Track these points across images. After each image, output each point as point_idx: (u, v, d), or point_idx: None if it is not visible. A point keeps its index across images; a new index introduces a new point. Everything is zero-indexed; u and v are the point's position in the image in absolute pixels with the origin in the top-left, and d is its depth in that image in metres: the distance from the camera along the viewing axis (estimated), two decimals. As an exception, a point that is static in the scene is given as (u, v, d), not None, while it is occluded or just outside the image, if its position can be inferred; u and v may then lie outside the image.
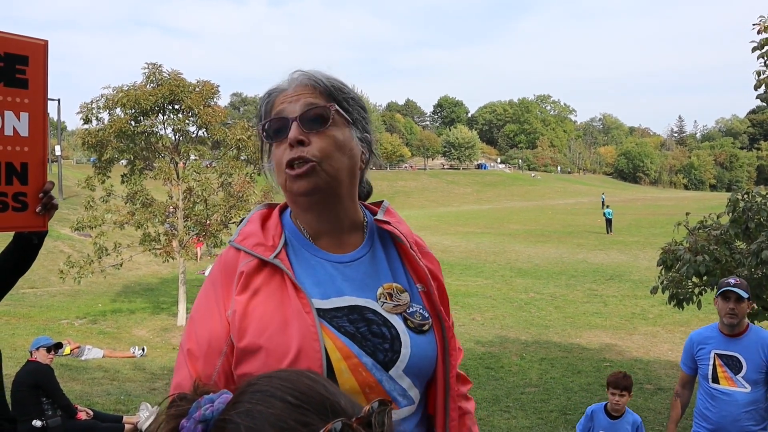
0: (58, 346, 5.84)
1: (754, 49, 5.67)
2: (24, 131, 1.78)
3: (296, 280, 1.12)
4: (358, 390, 1.08)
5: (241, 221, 1.26)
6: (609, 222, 30.05)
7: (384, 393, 1.11)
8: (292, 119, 1.15)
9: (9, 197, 1.78)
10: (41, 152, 1.83)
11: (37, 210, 1.84)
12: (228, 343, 1.10)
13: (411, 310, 1.19)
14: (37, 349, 5.51)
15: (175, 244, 13.61)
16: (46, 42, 1.80)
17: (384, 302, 1.17)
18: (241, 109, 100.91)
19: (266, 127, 1.18)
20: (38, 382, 5.35)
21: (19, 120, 1.76)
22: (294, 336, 1.06)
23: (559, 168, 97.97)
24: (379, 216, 1.27)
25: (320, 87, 1.18)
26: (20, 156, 1.78)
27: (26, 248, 2.34)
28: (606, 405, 4.12)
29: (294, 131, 1.14)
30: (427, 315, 1.21)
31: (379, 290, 1.18)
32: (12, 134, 1.76)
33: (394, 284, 1.20)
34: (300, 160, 1.13)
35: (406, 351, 1.14)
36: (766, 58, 5.81)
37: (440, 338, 1.22)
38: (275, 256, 1.14)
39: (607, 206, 33.22)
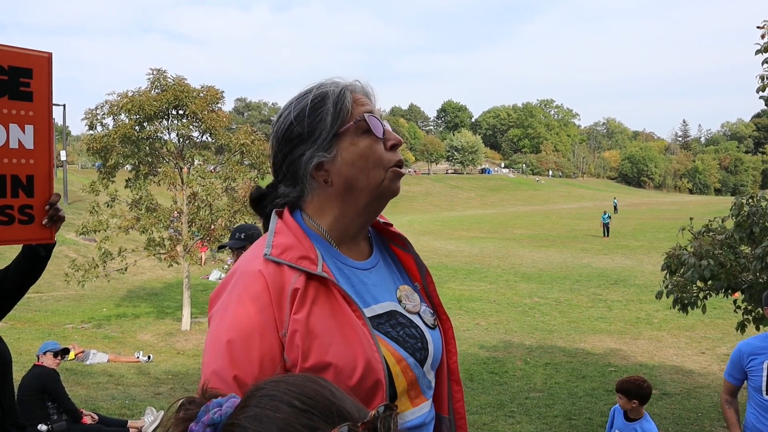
0: (65, 351, 5.85)
1: (757, 52, 5.66)
2: (29, 144, 1.77)
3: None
4: (405, 389, 1.15)
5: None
6: (605, 226, 30.13)
7: (419, 388, 1.18)
8: (387, 123, 1.21)
9: (15, 210, 1.78)
10: (47, 164, 1.82)
11: (43, 222, 1.84)
12: (281, 364, 1.06)
13: (423, 308, 1.26)
14: (44, 353, 5.52)
15: (179, 248, 13.64)
16: (50, 54, 1.80)
17: (405, 304, 1.23)
18: (245, 114, 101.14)
19: (368, 120, 1.18)
20: (44, 387, 5.36)
21: (24, 133, 1.76)
22: (358, 349, 1.06)
23: (550, 172, 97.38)
24: (380, 220, 1.31)
25: (373, 104, 1.25)
26: (26, 169, 1.78)
27: (34, 260, 2.33)
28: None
29: (399, 137, 1.21)
30: (432, 311, 1.28)
31: (398, 293, 1.23)
32: (17, 147, 1.75)
33: (406, 286, 1.27)
34: (403, 164, 1.21)
35: (431, 348, 1.21)
36: (770, 62, 5.78)
37: (440, 328, 1.30)
38: (321, 269, 1.10)
39: (605, 211, 33.04)
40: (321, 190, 1.19)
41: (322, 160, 1.16)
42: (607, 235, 29.39)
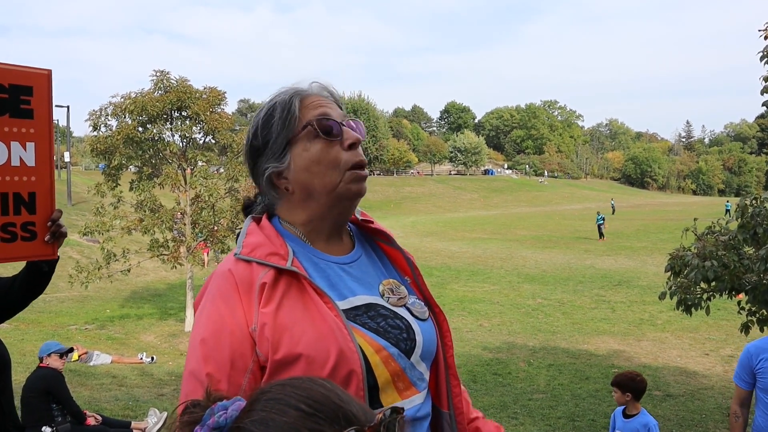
0: (69, 351, 5.86)
1: (762, 58, 5.65)
2: (31, 161, 1.79)
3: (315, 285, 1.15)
4: (390, 380, 1.15)
5: (237, 235, 1.26)
6: (598, 228, 28.89)
7: (408, 379, 1.18)
8: (342, 123, 1.21)
9: (18, 227, 1.79)
10: (48, 181, 1.84)
11: (45, 239, 1.85)
12: (254, 359, 1.08)
13: (411, 300, 1.26)
14: (49, 354, 5.52)
15: (182, 249, 13.66)
16: (50, 71, 1.82)
17: (389, 297, 1.24)
18: (248, 115, 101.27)
19: (317, 124, 1.19)
20: (49, 388, 5.35)
21: (25, 150, 1.77)
22: (330, 340, 1.08)
23: (546, 173, 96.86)
24: (360, 217, 1.33)
25: (336, 102, 1.26)
26: (28, 186, 1.79)
27: (37, 276, 2.35)
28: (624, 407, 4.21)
29: (357, 135, 1.21)
30: (423, 303, 1.29)
31: (381, 287, 1.25)
32: (19, 164, 1.77)
33: (391, 279, 1.28)
34: (364, 164, 1.21)
35: (419, 338, 1.21)
36: (773, 64, 5.76)
37: (434, 321, 1.30)
38: (291, 264, 1.13)
39: (598, 212, 31.50)
40: (285, 198, 1.24)
41: (279, 169, 1.21)
42: (602, 238, 28.26)
